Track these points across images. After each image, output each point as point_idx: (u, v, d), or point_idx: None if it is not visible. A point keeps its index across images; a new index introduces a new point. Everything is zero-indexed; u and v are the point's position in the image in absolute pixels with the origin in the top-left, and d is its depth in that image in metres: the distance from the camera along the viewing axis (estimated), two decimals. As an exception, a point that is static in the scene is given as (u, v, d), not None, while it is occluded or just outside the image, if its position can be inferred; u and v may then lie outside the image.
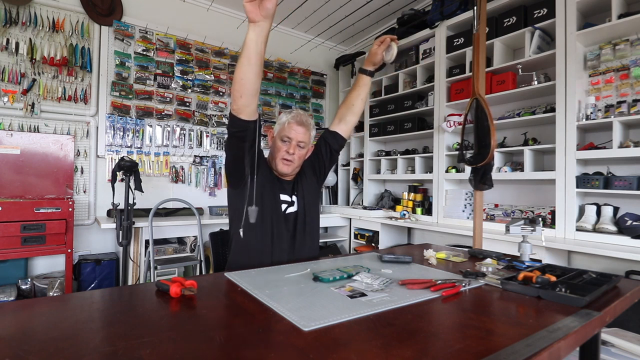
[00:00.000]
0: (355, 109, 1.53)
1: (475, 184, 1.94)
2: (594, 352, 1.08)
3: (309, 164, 1.56)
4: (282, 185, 1.47)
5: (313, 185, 1.54)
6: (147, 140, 3.24)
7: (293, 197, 1.47)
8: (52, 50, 2.78)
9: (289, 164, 1.41)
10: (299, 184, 1.50)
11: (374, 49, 1.45)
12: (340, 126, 1.54)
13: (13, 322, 0.73)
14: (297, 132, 1.40)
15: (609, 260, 1.98)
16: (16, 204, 2.32)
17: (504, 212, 2.67)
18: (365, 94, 1.54)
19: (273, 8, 0.97)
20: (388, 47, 1.45)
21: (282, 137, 1.40)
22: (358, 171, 4.08)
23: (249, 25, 1.00)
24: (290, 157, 1.39)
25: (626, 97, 2.09)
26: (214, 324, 0.74)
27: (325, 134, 1.57)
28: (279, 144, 1.41)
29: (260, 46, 1.03)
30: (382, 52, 1.45)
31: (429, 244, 1.67)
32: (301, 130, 1.41)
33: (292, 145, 1.39)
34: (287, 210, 1.45)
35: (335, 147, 1.55)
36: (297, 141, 1.40)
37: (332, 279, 1.01)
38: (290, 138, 1.40)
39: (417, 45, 3.35)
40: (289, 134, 1.40)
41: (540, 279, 0.95)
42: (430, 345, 0.65)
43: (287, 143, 1.40)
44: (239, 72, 1.08)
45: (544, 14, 2.38)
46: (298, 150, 1.41)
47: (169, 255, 2.94)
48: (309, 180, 1.53)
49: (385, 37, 1.44)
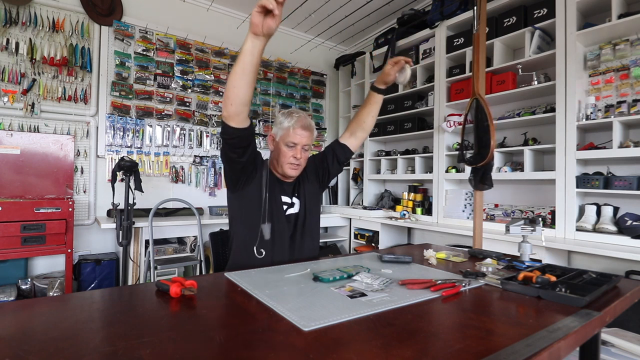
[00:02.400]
0: (366, 125, 1.56)
1: (475, 184, 1.94)
2: (594, 352, 1.08)
3: (313, 169, 1.57)
4: (283, 187, 1.47)
5: (315, 190, 1.56)
6: (147, 140, 3.24)
7: (294, 199, 1.48)
8: (52, 50, 2.77)
9: (297, 168, 1.43)
10: (301, 186, 1.51)
11: (388, 69, 1.45)
12: (350, 140, 1.57)
13: (13, 322, 0.73)
14: (302, 137, 1.40)
15: (609, 260, 1.98)
16: (16, 204, 2.32)
17: (504, 212, 2.67)
18: (376, 111, 1.55)
19: (275, 28, 1.00)
20: (402, 68, 1.44)
21: (287, 143, 1.40)
22: (358, 171, 4.08)
23: (250, 35, 1.02)
24: (298, 161, 1.41)
25: (626, 97, 2.09)
26: (214, 324, 0.74)
27: (335, 144, 1.59)
28: (284, 149, 1.40)
29: (255, 58, 1.05)
30: (395, 73, 1.45)
31: (429, 244, 1.67)
32: (306, 135, 1.41)
33: (298, 150, 1.40)
34: (288, 211, 1.45)
35: (342, 159, 1.58)
36: (303, 145, 1.40)
37: (332, 279, 1.01)
38: (296, 143, 1.39)
39: (417, 45, 3.35)
40: (294, 140, 1.39)
41: (540, 279, 0.95)
42: (430, 345, 0.65)
43: (293, 148, 1.40)
44: (232, 79, 1.09)
45: (544, 14, 2.38)
46: (304, 154, 1.42)
47: (169, 255, 2.94)
48: (312, 184, 1.54)
49: (399, 58, 1.44)
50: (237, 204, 1.44)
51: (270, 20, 0.98)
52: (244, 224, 1.41)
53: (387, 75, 1.46)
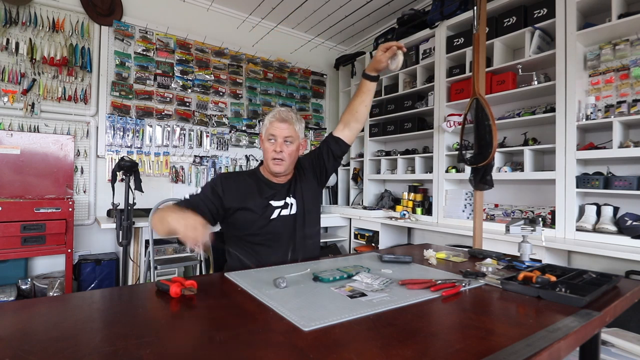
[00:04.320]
0: (359, 115, 1.50)
1: (475, 184, 1.94)
2: (594, 352, 1.08)
3: (310, 166, 1.55)
4: (273, 192, 1.43)
5: (313, 188, 1.53)
6: (147, 140, 3.24)
7: (289, 199, 1.44)
8: (52, 50, 2.77)
9: (280, 163, 1.39)
10: (297, 185, 1.48)
11: (379, 55, 1.38)
12: (344, 132, 1.52)
13: (13, 322, 0.73)
14: (281, 129, 1.38)
15: (609, 260, 1.98)
16: (16, 204, 2.32)
17: (504, 212, 2.67)
18: (369, 100, 1.50)
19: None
20: (394, 54, 1.37)
21: (268, 137, 1.40)
22: (358, 171, 4.08)
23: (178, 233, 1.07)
24: (279, 155, 1.38)
25: (626, 97, 2.09)
26: (214, 324, 0.74)
27: (329, 138, 1.56)
28: (266, 145, 1.41)
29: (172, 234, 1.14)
30: (387, 60, 1.39)
31: (429, 244, 1.67)
32: (284, 126, 1.38)
33: (278, 143, 1.38)
34: (282, 212, 1.42)
35: (338, 153, 1.54)
36: (283, 137, 1.38)
37: (332, 279, 1.01)
38: (275, 135, 1.38)
39: (417, 45, 3.35)
40: (273, 132, 1.38)
41: (540, 279, 0.95)
42: (430, 345, 0.65)
43: (273, 142, 1.39)
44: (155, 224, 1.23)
45: (544, 14, 2.37)
46: (286, 147, 1.38)
47: (169, 255, 2.93)
48: (309, 182, 1.52)
49: (391, 43, 1.36)
50: (226, 226, 1.47)
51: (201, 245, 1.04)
52: (237, 238, 1.42)
53: (379, 62, 1.39)
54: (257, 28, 3.85)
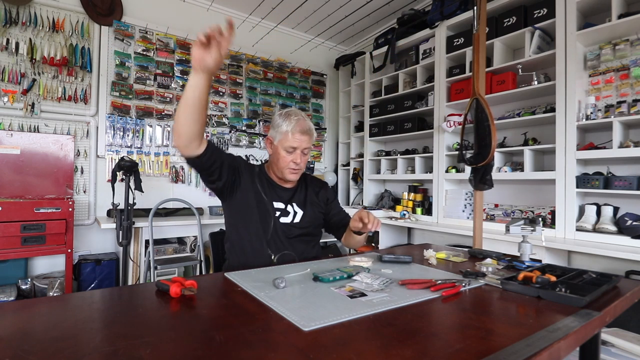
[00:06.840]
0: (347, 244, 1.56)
1: (475, 184, 1.94)
2: (594, 352, 1.08)
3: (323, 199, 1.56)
4: (277, 193, 1.44)
5: (317, 204, 1.52)
6: (147, 140, 3.24)
7: (290, 207, 1.44)
8: (52, 50, 2.78)
9: (297, 172, 1.42)
10: (301, 194, 1.49)
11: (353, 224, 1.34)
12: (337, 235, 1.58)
13: (13, 322, 0.73)
14: (302, 141, 1.36)
15: (609, 260, 1.98)
16: (16, 204, 2.32)
17: (504, 212, 2.67)
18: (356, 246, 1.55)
19: (213, 66, 0.98)
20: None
21: (286, 148, 1.36)
22: (358, 171, 4.08)
23: (192, 69, 1.02)
24: (298, 166, 1.39)
25: (626, 97, 2.09)
26: (214, 324, 0.74)
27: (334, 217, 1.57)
28: (282, 154, 1.37)
29: (198, 93, 1.04)
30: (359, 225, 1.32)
31: (429, 244, 1.67)
32: (305, 139, 1.37)
33: (297, 154, 1.38)
34: (281, 219, 1.41)
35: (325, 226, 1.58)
36: (302, 149, 1.38)
37: (332, 279, 1.01)
38: (295, 148, 1.36)
39: (417, 45, 3.35)
40: (293, 145, 1.36)
41: (540, 279, 0.95)
42: (430, 345, 0.65)
43: (292, 153, 1.37)
44: (178, 114, 1.09)
45: (544, 14, 2.38)
46: (303, 157, 1.40)
47: (169, 255, 2.94)
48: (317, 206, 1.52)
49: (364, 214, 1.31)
50: (228, 211, 1.44)
51: (207, 56, 0.96)
52: (236, 229, 1.41)
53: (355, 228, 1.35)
54: (257, 28, 3.85)
